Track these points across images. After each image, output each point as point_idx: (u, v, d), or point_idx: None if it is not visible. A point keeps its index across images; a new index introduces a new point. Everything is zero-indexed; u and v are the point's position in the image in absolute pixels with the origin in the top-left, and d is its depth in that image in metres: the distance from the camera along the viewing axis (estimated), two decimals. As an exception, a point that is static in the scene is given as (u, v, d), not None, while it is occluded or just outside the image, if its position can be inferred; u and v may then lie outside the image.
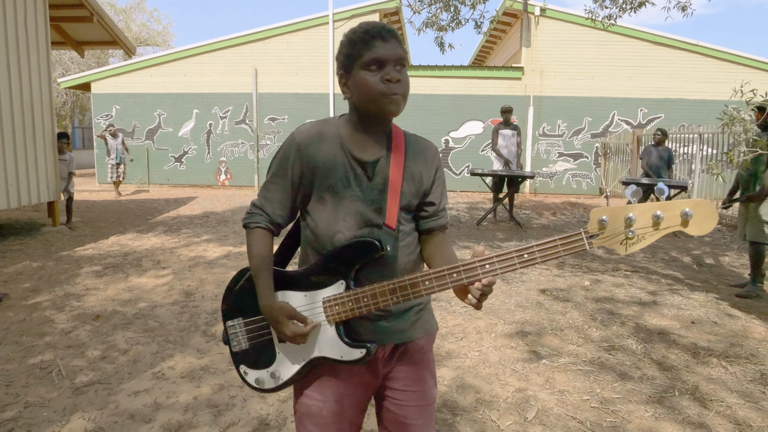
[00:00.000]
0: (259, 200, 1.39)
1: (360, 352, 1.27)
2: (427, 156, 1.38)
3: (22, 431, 2.46)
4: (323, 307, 1.30)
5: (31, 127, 7.44)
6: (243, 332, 1.40)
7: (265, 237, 1.36)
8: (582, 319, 3.99)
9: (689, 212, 1.10)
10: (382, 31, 1.25)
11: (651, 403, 2.73)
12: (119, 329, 3.82)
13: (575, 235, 1.16)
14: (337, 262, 1.29)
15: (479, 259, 1.19)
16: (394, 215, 1.31)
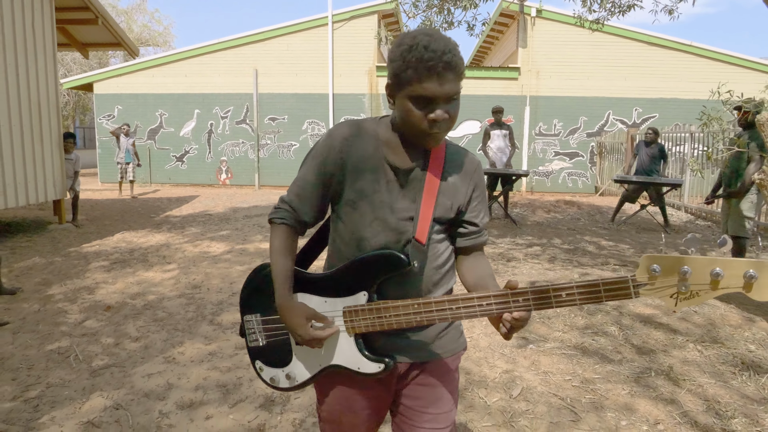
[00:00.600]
0: (289, 196, 1.34)
1: (378, 367, 1.24)
2: (467, 170, 1.31)
3: (47, 407, 2.67)
4: (343, 318, 1.25)
5: (38, 127, 7.65)
6: (260, 329, 1.37)
7: (289, 234, 1.32)
8: (569, 308, 4.20)
9: (754, 275, 0.99)
10: (438, 65, 1.12)
11: (628, 383, 2.94)
12: (130, 319, 4.03)
13: (621, 281, 1.06)
14: (360, 273, 1.24)
15: (512, 292, 1.12)
16: (425, 229, 1.24)
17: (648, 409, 2.66)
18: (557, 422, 2.53)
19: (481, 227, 1.35)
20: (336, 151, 1.26)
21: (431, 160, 1.27)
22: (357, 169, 1.25)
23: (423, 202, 1.24)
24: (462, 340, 1.39)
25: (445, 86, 1.13)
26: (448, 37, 1.17)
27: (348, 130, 1.28)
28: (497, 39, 17.87)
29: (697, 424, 2.53)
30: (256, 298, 1.36)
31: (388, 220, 1.25)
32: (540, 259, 5.93)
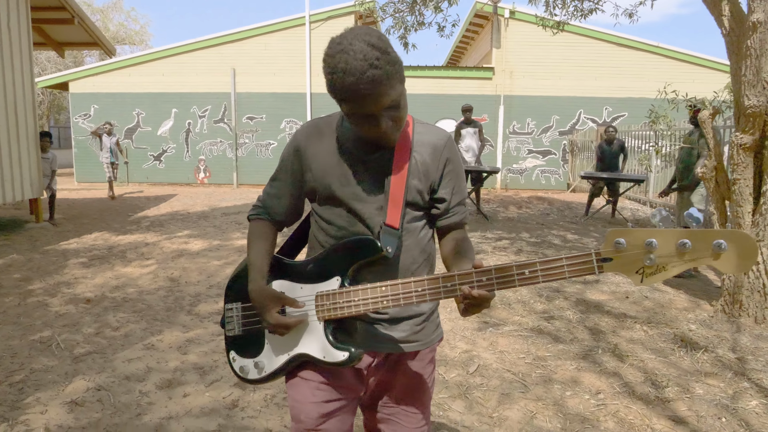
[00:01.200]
0: (262, 196, 1.39)
1: (342, 355, 1.22)
2: (436, 146, 1.28)
3: (31, 390, 2.82)
4: (315, 303, 1.26)
5: (15, 126, 7.68)
6: (239, 317, 1.38)
7: (264, 226, 1.36)
8: (530, 295, 4.47)
9: (723, 245, 0.95)
10: (362, 88, 1.07)
11: (576, 360, 3.20)
12: (110, 311, 4.18)
13: (584, 256, 1.04)
14: (335, 258, 1.26)
15: (476, 271, 1.10)
16: (396, 214, 1.23)
17: (592, 381, 2.92)
18: (508, 393, 2.77)
19: (455, 204, 1.31)
20: (301, 151, 1.30)
21: (398, 144, 1.25)
22: (324, 165, 1.27)
23: (392, 186, 1.23)
24: (438, 332, 1.39)
25: (378, 101, 1.10)
26: (369, 44, 1.08)
27: (311, 128, 1.31)
28: (473, 39, 18.20)
29: (634, 393, 2.79)
30: (238, 289, 1.38)
31: (360, 211, 1.25)
32: (507, 252, 6.20)
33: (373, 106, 1.10)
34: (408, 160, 1.25)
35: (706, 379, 2.95)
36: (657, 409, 2.63)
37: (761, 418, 2.56)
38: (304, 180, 1.31)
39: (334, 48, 1.09)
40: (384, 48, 1.09)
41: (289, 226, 1.42)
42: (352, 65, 1.06)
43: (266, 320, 1.26)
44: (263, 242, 1.33)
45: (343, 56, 1.07)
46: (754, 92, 3.54)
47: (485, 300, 1.09)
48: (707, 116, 4.02)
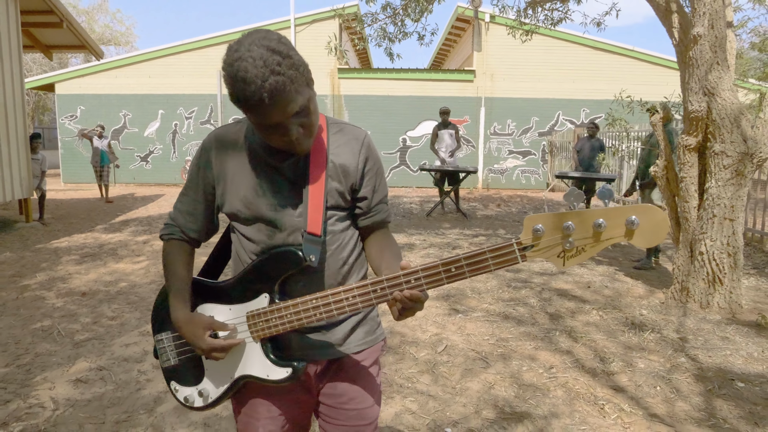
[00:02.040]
0: (173, 212, 1.31)
1: (286, 372, 1.19)
2: (353, 146, 1.23)
3: (38, 371, 3.09)
4: (247, 323, 1.21)
5: (5, 128, 7.86)
6: (171, 346, 1.32)
7: (180, 247, 1.29)
8: (498, 285, 4.81)
9: (635, 221, 0.95)
10: (265, 97, 1.00)
11: (535, 340, 3.54)
12: (105, 303, 4.43)
13: (506, 246, 1.02)
14: (260, 275, 1.20)
15: (404, 273, 1.07)
16: (318, 220, 1.17)
17: (547, 358, 3.26)
18: (470, 369, 3.10)
19: (377, 203, 1.27)
20: (211, 162, 1.22)
21: (312, 147, 1.19)
22: (235, 176, 1.20)
23: (310, 192, 1.18)
24: (379, 332, 1.35)
25: (284, 110, 1.03)
26: (268, 49, 1.00)
27: (219, 137, 1.23)
28: (455, 43, 18.59)
29: (583, 367, 3.14)
30: (164, 315, 1.30)
31: (279, 221, 1.19)
32: (482, 247, 6.53)
33: (279, 115, 1.03)
34: (325, 163, 1.19)
35: (648, 356, 3.30)
36: (601, 380, 2.98)
37: (691, 386, 2.91)
38: (216, 193, 1.24)
39: (232, 56, 1.00)
40: (285, 52, 1.02)
41: (206, 241, 1.34)
42: (252, 73, 0.98)
43: (199, 347, 1.19)
44: (181, 265, 1.27)
45: (242, 64, 0.98)
46: (696, 98, 3.91)
47: (417, 301, 1.07)
48: (658, 120, 4.39)
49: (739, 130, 3.79)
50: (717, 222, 3.93)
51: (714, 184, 3.92)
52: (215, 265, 1.41)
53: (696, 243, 4.08)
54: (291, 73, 1.02)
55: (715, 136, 3.88)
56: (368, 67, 15.01)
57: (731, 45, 4.17)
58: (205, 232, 1.32)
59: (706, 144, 3.99)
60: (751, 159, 3.80)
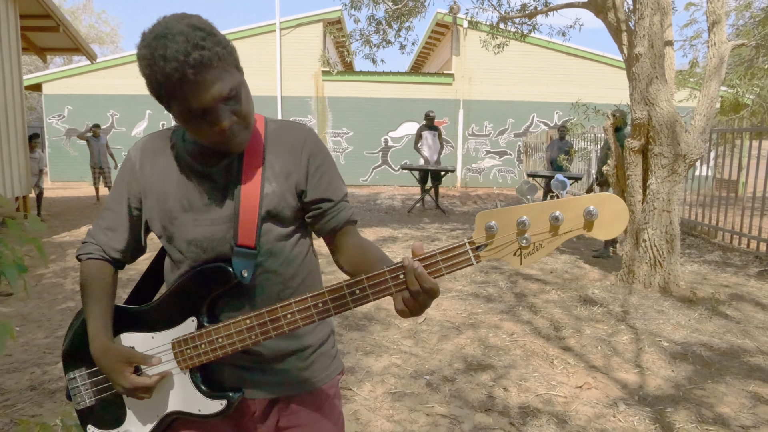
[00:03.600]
0: (94, 229, 1.16)
1: (220, 404, 1.07)
2: (294, 143, 1.09)
3: (75, 340, 3.59)
4: (173, 351, 1.07)
5: (5, 127, 8.23)
6: (87, 385, 1.15)
7: (99, 268, 1.13)
8: (472, 270, 5.42)
9: (593, 211, 0.88)
10: (188, 72, 0.89)
11: (501, 314, 4.15)
12: (120, 287, 4.91)
13: (458, 247, 0.92)
14: (184, 296, 1.07)
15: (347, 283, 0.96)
16: (252, 230, 1.04)
17: (510, 326, 3.87)
18: (446, 335, 3.69)
19: (337, 201, 1.11)
20: (136, 173, 1.10)
21: (247, 147, 1.06)
22: (161, 188, 1.07)
23: (243, 198, 1.04)
24: (336, 364, 1.21)
25: (212, 89, 0.91)
26: (189, 25, 0.91)
27: (145, 145, 1.11)
28: (434, 47, 19.24)
29: (540, 333, 3.75)
30: (78, 350, 1.14)
31: (210, 235, 1.05)
32: (459, 240, 7.15)
33: (205, 96, 0.91)
34: (261, 164, 1.06)
35: (595, 324, 3.93)
36: (554, 343, 3.59)
37: (626, 346, 3.54)
38: (143, 206, 1.11)
39: (148, 36, 0.91)
40: (209, 29, 0.93)
41: (131, 263, 1.19)
42: (173, 48, 0.88)
43: (120, 385, 1.06)
44: (100, 289, 1.11)
45: (162, 41, 0.88)
46: (639, 108, 4.56)
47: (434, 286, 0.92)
48: (609, 125, 5.04)
49: (674, 135, 4.45)
50: (657, 213, 4.59)
51: (654, 181, 4.58)
52: (145, 291, 1.23)
53: (640, 232, 4.74)
54: (217, 50, 0.92)
55: (655, 140, 4.53)
56: (351, 70, 15.54)
57: (670, 61, 4.84)
58: (130, 253, 1.16)
59: (648, 147, 4.64)
60: (684, 159, 4.46)
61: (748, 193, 10.39)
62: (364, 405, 2.71)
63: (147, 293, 1.23)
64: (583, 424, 2.56)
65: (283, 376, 1.12)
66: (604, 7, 5.21)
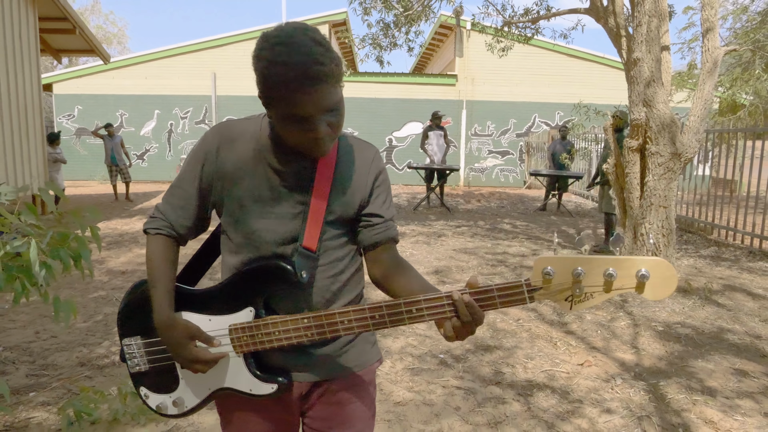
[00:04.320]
0: (163, 204, 1.21)
1: (270, 388, 1.15)
2: (363, 161, 1.18)
3: (113, 324, 3.87)
4: (230, 336, 1.14)
5: (25, 127, 8.52)
6: (142, 353, 1.23)
7: (167, 244, 1.19)
8: (479, 264, 5.70)
9: (646, 274, 0.94)
10: (305, 82, 0.96)
11: (508, 302, 4.42)
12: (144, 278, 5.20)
13: (515, 286, 1.00)
14: (245, 286, 1.14)
15: (405, 302, 1.03)
16: (315, 235, 1.13)
17: (516, 313, 4.15)
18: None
19: (387, 219, 1.20)
20: (212, 156, 1.14)
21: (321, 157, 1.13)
22: (235, 175, 1.13)
23: (312, 205, 1.12)
24: (374, 352, 1.29)
25: (320, 102, 0.99)
26: (311, 39, 0.98)
27: (224, 131, 1.16)
28: (438, 48, 19.51)
29: (544, 319, 4.03)
30: (135, 319, 1.23)
31: (275, 230, 1.13)
32: (464, 236, 7.44)
33: (313, 107, 0.99)
34: (332, 175, 1.14)
35: (595, 311, 4.21)
36: (557, 327, 3.87)
37: (624, 330, 3.82)
38: (212, 188, 1.16)
39: (271, 40, 0.98)
40: (327, 46, 1.00)
41: (194, 239, 1.26)
42: (295, 59, 0.95)
43: (182, 357, 1.13)
44: (168, 263, 1.17)
45: (284, 49, 0.96)
46: (637, 110, 4.84)
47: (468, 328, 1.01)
48: (608, 125, 5.32)
49: (670, 135, 4.72)
50: (654, 209, 4.87)
51: (651, 179, 4.86)
52: (196, 268, 1.32)
53: (638, 226, 5.02)
54: (332, 67, 0.99)
55: (652, 140, 4.81)
56: (356, 71, 15.83)
57: (667, 65, 5.12)
58: (195, 230, 1.23)
59: (646, 146, 4.92)
60: (679, 158, 4.74)
61: (745, 192, 10.66)
62: (386, 378, 2.99)
63: (197, 272, 1.33)
64: (583, 395, 2.84)
65: (326, 360, 1.19)
66: (604, 14, 5.48)
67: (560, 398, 2.80)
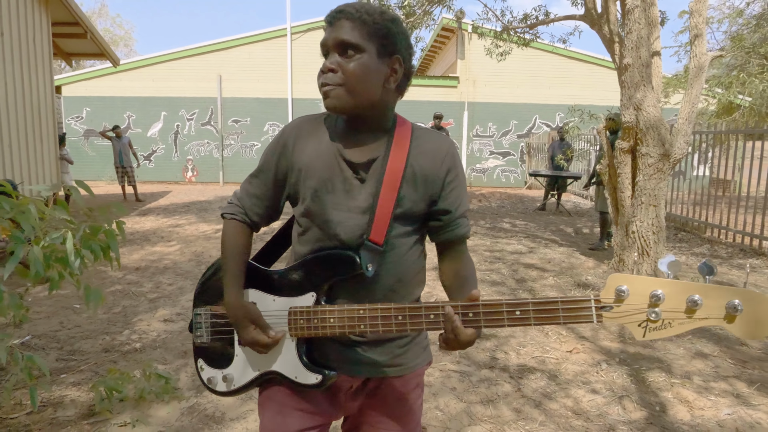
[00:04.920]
0: (240, 192, 1.28)
1: (316, 378, 1.17)
2: (437, 154, 1.17)
3: (131, 316, 4.12)
4: (288, 318, 1.18)
5: (39, 129, 8.79)
6: (208, 324, 1.31)
7: (240, 230, 1.26)
8: (478, 260, 5.93)
9: (738, 306, 0.83)
10: (331, 13, 1.09)
11: (503, 295, 4.66)
12: (158, 274, 5.45)
13: (582, 301, 0.94)
14: (310, 272, 1.17)
15: (463, 304, 1.02)
16: (383, 228, 1.13)
17: (511, 306, 4.38)
18: (455, 311, 4.21)
19: (459, 216, 1.20)
20: (288, 149, 1.20)
21: (393, 149, 1.15)
22: (310, 167, 1.17)
23: (381, 198, 1.13)
24: (426, 354, 1.30)
25: (335, 32, 1.07)
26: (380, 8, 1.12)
27: (301, 125, 1.21)
28: (440, 50, 19.73)
29: (537, 311, 4.26)
30: (209, 293, 1.32)
31: (345, 222, 1.15)
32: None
33: (327, 35, 1.09)
34: (403, 169, 1.14)
35: (586, 304, 4.44)
36: (549, 318, 4.10)
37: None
38: (287, 180, 1.21)
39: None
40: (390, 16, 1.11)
41: (265, 227, 1.32)
42: (346, 4, 1.10)
43: (243, 337, 1.19)
44: (240, 248, 1.24)
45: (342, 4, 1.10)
46: (628, 113, 5.07)
47: (469, 340, 1.02)
48: (601, 128, 5.55)
49: (659, 136, 4.95)
50: (644, 207, 5.09)
51: (642, 178, 5.08)
52: (273, 251, 1.39)
53: (629, 224, 5.24)
54: (365, 19, 1.07)
55: (642, 141, 5.04)
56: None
57: (657, 70, 5.34)
58: (269, 218, 1.29)
59: (636, 147, 5.15)
60: (668, 158, 4.97)
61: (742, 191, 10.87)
62: (388, 363, 3.23)
63: (273, 254, 1.39)
64: (570, 378, 3.07)
65: (379, 359, 1.20)
66: (598, 20, 5.71)
67: (549, 380, 3.03)
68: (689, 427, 2.55)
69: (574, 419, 2.62)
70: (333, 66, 1.07)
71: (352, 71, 1.07)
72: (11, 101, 7.93)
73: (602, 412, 2.69)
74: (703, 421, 2.61)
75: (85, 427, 2.50)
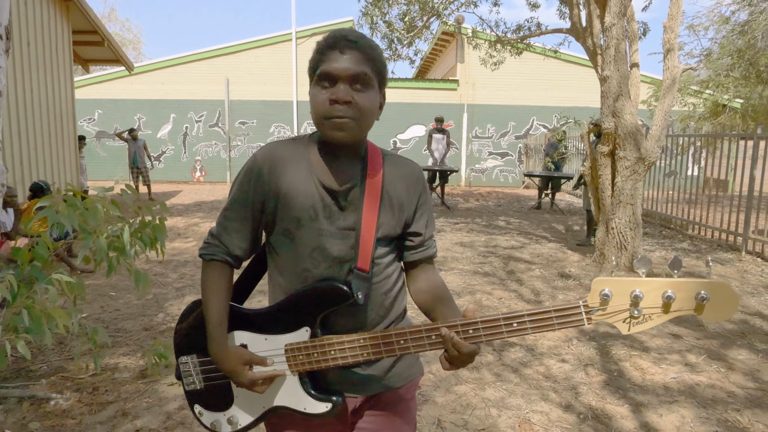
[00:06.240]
0: (217, 229, 1.23)
1: (325, 407, 1.17)
2: (410, 179, 1.22)
3: (163, 302, 4.65)
4: (285, 355, 1.16)
5: (60, 132, 9.34)
6: (197, 371, 1.27)
7: (221, 271, 1.21)
8: (473, 254, 6.46)
9: (705, 296, 0.95)
10: (341, 41, 1.07)
11: (493, 285, 5.19)
12: (180, 266, 5.99)
13: (573, 308, 1.02)
14: (301, 307, 1.16)
15: (462, 322, 1.05)
16: (367, 256, 1.15)
17: (499, 293, 4.91)
18: (449, 298, 4.73)
19: (428, 237, 1.26)
20: (263, 177, 1.17)
21: (368, 175, 1.17)
22: (289, 195, 1.15)
23: (363, 224, 1.15)
24: (417, 366, 1.34)
25: (346, 61, 1.06)
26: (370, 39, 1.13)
27: (273, 152, 1.18)
28: (440, 53, 20.24)
29: (522, 297, 4.79)
30: (191, 338, 1.27)
31: (328, 250, 1.15)
32: (462, 231, 8.20)
33: (338, 64, 1.06)
34: (380, 195, 1.17)
35: (567, 292, 4.97)
36: (532, 304, 4.63)
37: (589, 307, 4.57)
38: (265, 209, 1.19)
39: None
40: (380, 50, 1.16)
41: (247, 260, 1.29)
42: (342, 31, 1.10)
43: (240, 383, 1.17)
44: (222, 294, 1.20)
45: (336, 30, 1.13)
46: (608, 120, 5.58)
47: (471, 355, 1.05)
48: (585, 132, 6.06)
49: (635, 142, 5.47)
50: (622, 206, 5.61)
51: (620, 180, 5.60)
52: (245, 287, 1.37)
53: (609, 221, 5.76)
54: (372, 53, 1.10)
55: (620, 146, 5.55)
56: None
57: (636, 80, 5.86)
58: (250, 251, 1.26)
59: (615, 151, 5.66)
60: (643, 162, 5.48)
61: (734, 191, 11.38)
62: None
63: (246, 291, 1.36)
64: (545, 351, 3.60)
65: (377, 374, 1.23)
66: (583, 34, 6.23)
67: (526, 352, 3.56)
68: (639, 387, 3.08)
69: (543, 381, 3.15)
70: (349, 98, 1.07)
71: (365, 106, 1.10)
72: (36, 106, 8.48)
73: (568, 376, 3.22)
74: (653, 383, 3.13)
75: (140, 386, 3.04)
